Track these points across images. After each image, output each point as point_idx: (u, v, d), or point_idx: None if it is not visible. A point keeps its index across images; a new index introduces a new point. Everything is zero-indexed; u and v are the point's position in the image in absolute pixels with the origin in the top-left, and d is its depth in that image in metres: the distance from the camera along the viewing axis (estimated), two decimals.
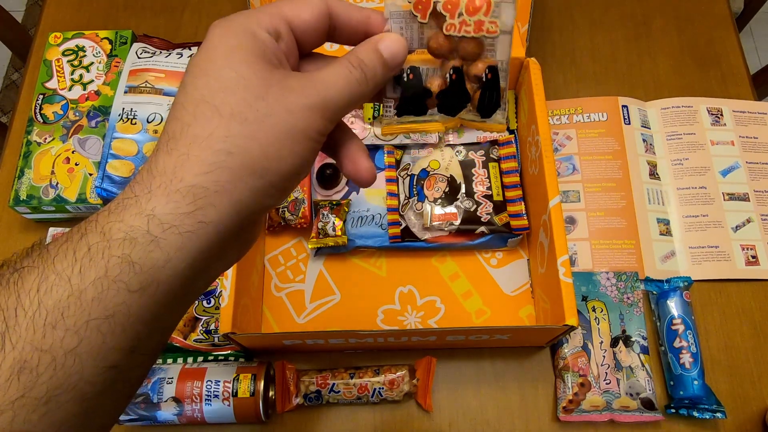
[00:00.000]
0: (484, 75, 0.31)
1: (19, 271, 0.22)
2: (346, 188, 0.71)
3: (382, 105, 0.32)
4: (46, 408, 0.21)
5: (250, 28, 0.26)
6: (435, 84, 0.31)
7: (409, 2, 0.29)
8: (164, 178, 0.24)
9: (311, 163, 0.27)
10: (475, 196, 0.68)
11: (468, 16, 0.29)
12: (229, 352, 0.63)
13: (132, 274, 0.22)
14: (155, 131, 0.69)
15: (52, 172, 0.69)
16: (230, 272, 0.56)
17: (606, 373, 0.62)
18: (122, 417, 0.58)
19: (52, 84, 0.74)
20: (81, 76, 0.75)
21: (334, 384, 0.61)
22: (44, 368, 0.21)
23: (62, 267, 0.22)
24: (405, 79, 0.31)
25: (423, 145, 0.73)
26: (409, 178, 0.70)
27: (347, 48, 0.30)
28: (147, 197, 0.23)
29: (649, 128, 0.77)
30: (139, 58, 0.73)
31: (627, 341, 0.63)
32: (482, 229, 0.66)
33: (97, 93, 0.74)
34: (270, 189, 0.25)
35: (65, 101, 0.73)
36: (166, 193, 0.23)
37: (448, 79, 0.31)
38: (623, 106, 0.76)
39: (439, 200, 0.67)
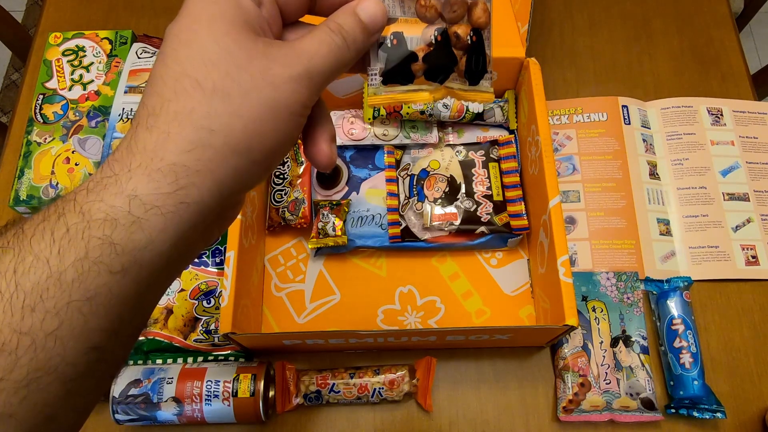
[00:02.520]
0: (468, 38, 0.31)
1: None
2: (346, 188, 0.71)
3: (367, 76, 0.31)
4: (27, 390, 0.21)
5: None
6: (420, 50, 0.31)
7: None
8: (144, 156, 0.23)
9: (295, 139, 0.27)
10: (475, 196, 0.68)
11: None
12: (229, 352, 0.63)
13: (113, 255, 0.22)
14: None
15: (52, 172, 0.69)
16: (230, 272, 0.56)
17: (606, 373, 0.62)
18: (122, 417, 0.58)
19: (52, 84, 0.74)
20: (81, 76, 0.75)
21: (334, 384, 0.61)
22: (24, 351, 0.21)
23: (40, 248, 0.22)
24: (389, 45, 0.30)
25: (423, 145, 0.73)
26: (409, 178, 0.70)
27: None
28: (127, 176, 0.23)
29: (649, 128, 0.77)
30: (139, 58, 0.73)
31: (627, 341, 0.63)
32: (482, 229, 0.66)
33: (97, 93, 0.74)
34: (252, 167, 0.25)
35: (65, 101, 0.73)
36: (147, 172, 0.23)
37: (433, 41, 0.30)
38: (623, 106, 0.76)
39: (439, 200, 0.67)
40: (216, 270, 0.66)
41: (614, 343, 0.63)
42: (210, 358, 0.63)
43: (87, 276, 0.22)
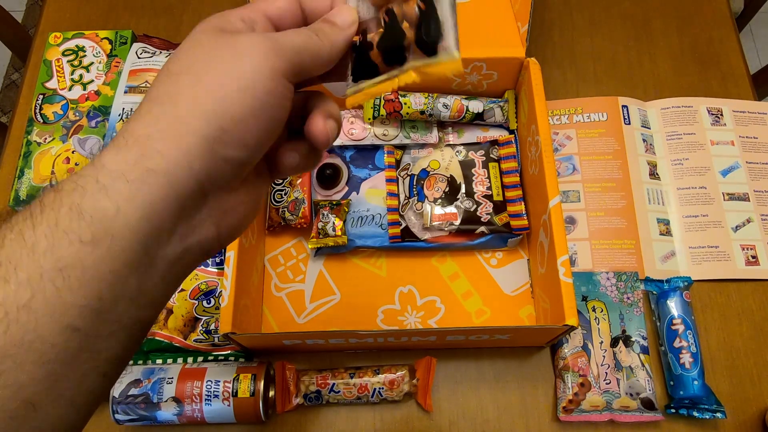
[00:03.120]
0: (417, 8, 0.29)
1: None
2: (346, 188, 0.71)
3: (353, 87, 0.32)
4: (3, 367, 0.21)
5: (224, 17, 0.28)
6: (376, 36, 0.31)
7: None
8: (117, 137, 0.25)
9: (273, 110, 0.27)
10: (475, 196, 0.68)
11: None
12: (229, 352, 0.63)
13: (83, 224, 0.22)
14: None
15: (52, 172, 0.69)
16: (230, 272, 0.56)
17: (606, 373, 0.62)
18: (122, 417, 0.58)
19: (52, 84, 0.74)
20: (81, 76, 0.75)
21: (334, 384, 0.61)
22: None
23: (17, 224, 0.23)
24: (357, 44, 0.31)
25: (423, 145, 0.73)
26: (409, 178, 0.70)
27: None
28: (99, 154, 0.25)
29: (649, 128, 0.77)
30: (139, 58, 0.74)
31: (627, 341, 0.63)
32: (482, 229, 0.66)
33: (97, 93, 0.74)
34: (223, 135, 0.25)
35: (65, 101, 0.73)
36: (115, 145, 0.24)
37: (383, 24, 0.30)
38: (623, 106, 0.76)
39: (439, 200, 0.67)
40: (216, 270, 0.66)
41: (614, 343, 0.63)
42: (210, 358, 0.63)
43: (58, 245, 0.22)
